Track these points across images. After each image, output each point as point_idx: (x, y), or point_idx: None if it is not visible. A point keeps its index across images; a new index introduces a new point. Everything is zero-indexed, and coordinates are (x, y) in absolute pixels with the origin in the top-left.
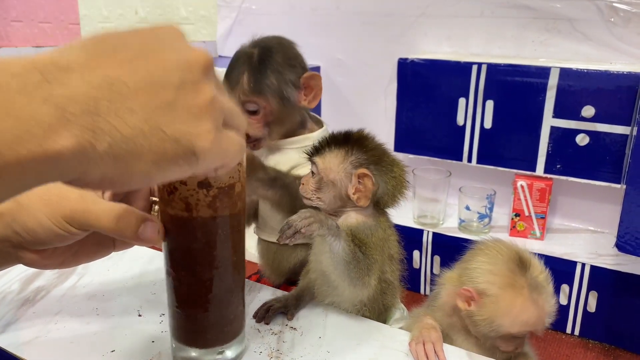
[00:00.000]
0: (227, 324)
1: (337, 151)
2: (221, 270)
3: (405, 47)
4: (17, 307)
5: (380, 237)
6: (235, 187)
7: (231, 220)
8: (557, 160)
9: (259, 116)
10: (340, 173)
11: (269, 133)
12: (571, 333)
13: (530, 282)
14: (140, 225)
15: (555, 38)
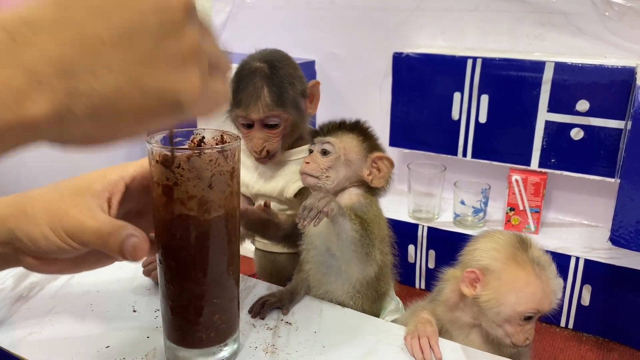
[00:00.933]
0: (220, 325)
1: (353, 135)
2: (215, 273)
3: (400, 41)
4: (10, 304)
5: (375, 214)
6: (230, 186)
7: (225, 220)
8: (551, 155)
9: (279, 130)
10: (359, 154)
11: (282, 145)
12: (565, 326)
13: (532, 257)
14: (124, 240)
15: (550, 32)
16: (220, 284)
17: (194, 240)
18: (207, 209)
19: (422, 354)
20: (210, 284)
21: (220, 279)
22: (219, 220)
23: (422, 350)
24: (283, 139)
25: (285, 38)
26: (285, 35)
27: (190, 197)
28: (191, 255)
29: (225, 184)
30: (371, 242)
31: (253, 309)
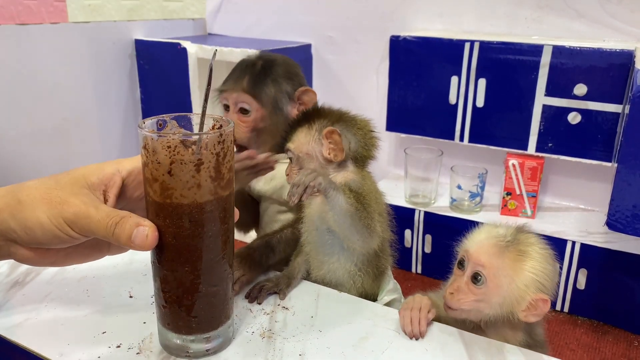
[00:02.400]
0: (213, 311)
1: (301, 128)
2: (205, 260)
3: (397, 25)
4: (6, 290)
5: (370, 188)
6: (222, 167)
7: (220, 205)
8: (548, 139)
9: (249, 118)
10: (311, 143)
11: (256, 141)
12: (560, 310)
13: (512, 238)
14: (133, 231)
15: (548, 15)
16: (210, 271)
17: (174, 226)
18: (169, 195)
19: (411, 327)
20: (200, 271)
21: (210, 265)
22: (196, 207)
23: (412, 322)
24: (258, 134)
25: (282, 21)
26: (282, 19)
27: (153, 179)
28: (176, 241)
29: (189, 174)
30: (369, 214)
31: (250, 294)
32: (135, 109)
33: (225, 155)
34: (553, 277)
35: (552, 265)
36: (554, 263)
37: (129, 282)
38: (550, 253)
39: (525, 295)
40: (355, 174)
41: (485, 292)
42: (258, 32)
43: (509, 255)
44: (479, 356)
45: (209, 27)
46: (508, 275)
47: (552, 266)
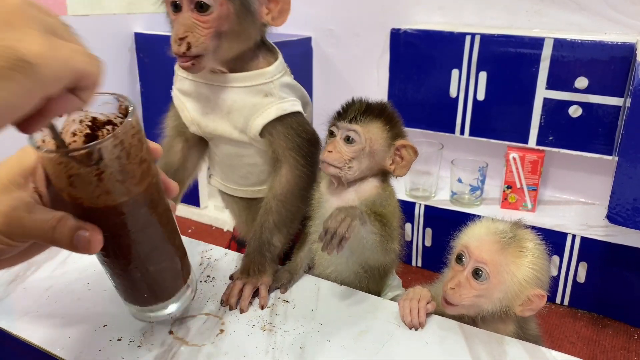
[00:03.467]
0: (166, 285)
1: (380, 122)
2: (146, 250)
3: (397, 17)
4: (7, 283)
5: (394, 205)
6: (128, 167)
7: (140, 200)
8: (549, 132)
9: (210, 17)
10: (383, 144)
11: (216, 50)
12: (560, 303)
13: (511, 234)
14: (74, 235)
15: (549, 8)
16: (150, 257)
17: (99, 226)
18: (80, 202)
19: (410, 317)
20: (140, 260)
21: (148, 253)
22: (112, 210)
23: (411, 313)
24: (219, 40)
25: None
26: None
27: (59, 189)
28: (105, 240)
29: (92, 185)
30: (391, 237)
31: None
32: (135, 102)
33: (129, 155)
34: (548, 273)
35: (547, 261)
36: (548, 259)
37: None
38: (545, 249)
39: (524, 290)
40: (383, 189)
41: (487, 288)
42: None
43: (511, 251)
44: (479, 349)
45: None
46: (510, 271)
47: (547, 262)
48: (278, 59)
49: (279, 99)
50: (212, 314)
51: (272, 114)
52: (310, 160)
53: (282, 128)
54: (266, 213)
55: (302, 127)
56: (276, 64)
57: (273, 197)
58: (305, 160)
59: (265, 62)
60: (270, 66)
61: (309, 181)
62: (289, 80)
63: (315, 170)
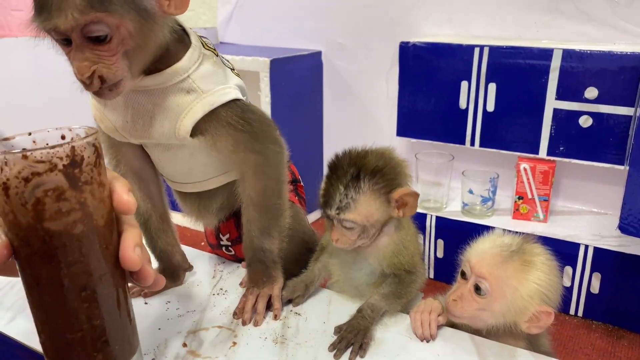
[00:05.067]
0: (92, 354)
1: (364, 194)
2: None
3: (406, 30)
4: (24, 298)
5: (414, 241)
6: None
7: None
8: (560, 143)
9: (112, 44)
10: (380, 209)
11: (129, 69)
12: (575, 314)
13: (516, 248)
14: None
15: (557, 19)
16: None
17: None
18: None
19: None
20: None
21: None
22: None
23: (423, 325)
24: (129, 59)
25: (292, 29)
26: (292, 26)
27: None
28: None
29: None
30: (409, 293)
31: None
32: None
33: (36, 184)
34: (557, 290)
35: (557, 277)
36: (558, 275)
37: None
38: (555, 265)
39: (529, 306)
40: (399, 232)
41: (488, 302)
42: (269, 40)
43: (513, 264)
44: None
45: (221, 36)
46: (511, 285)
47: (557, 278)
48: (190, 48)
49: (203, 92)
50: (225, 326)
51: (199, 112)
52: (267, 157)
53: (220, 127)
54: (248, 222)
55: (243, 119)
56: (188, 56)
57: (247, 205)
58: (262, 157)
59: (177, 55)
60: (181, 61)
61: (278, 179)
62: (210, 67)
63: (279, 164)
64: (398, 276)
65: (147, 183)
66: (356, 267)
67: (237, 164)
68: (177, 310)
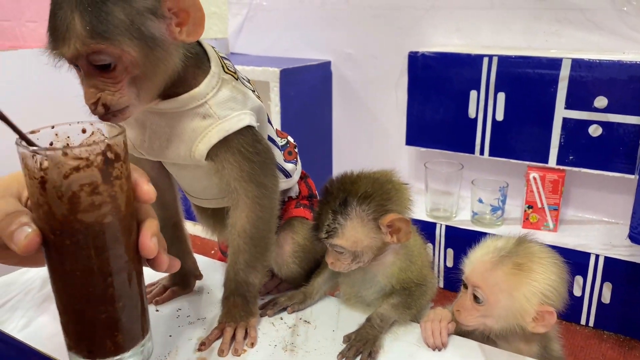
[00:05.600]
0: (123, 327)
1: (351, 220)
2: (94, 283)
3: (415, 40)
4: (38, 304)
5: (421, 255)
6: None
7: (108, 229)
8: (569, 152)
9: (116, 72)
10: (369, 235)
11: (137, 96)
12: (585, 324)
13: (509, 250)
14: (18, 228)
15: (566, 28)
16: (99, 296)
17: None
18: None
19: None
20: (84, 298)
21: (95, 292)
22: (98, 227)
23: (434, 334)
24: (137, 86)
25: (301, 39)
26: (301, 36)
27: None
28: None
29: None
30: (419, 305)
31: (266, 309)
32: None
33: (73, 180)
34: (558, 287)
35: (556, 274)
36: (558, 272)
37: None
38: (554, 262)
39: (527, 307)
40: (404, 246)
41: (487, 309)
42: (279, 51)
43: (503, 269)
44: None
45: (231, 46)
46: (504, 290)
47: (556, 276)
48: (209, 74)
49: (219, 118)
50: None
51: (214, 138)
52: (266, 189)
53: (229, 155)
54: (235, 253)
55: (253, 147)
56: (205, 82)
57: (238, 235)
58: (260, 190)
59: (194, 81)
60: (198, 87)
61: (270, 211)
62: (228, 93)
63: (274, 196)
64: (408, 288)
65: (163, 192)
66: (365, 285)
67: (235, 192)
68: (188, 318)
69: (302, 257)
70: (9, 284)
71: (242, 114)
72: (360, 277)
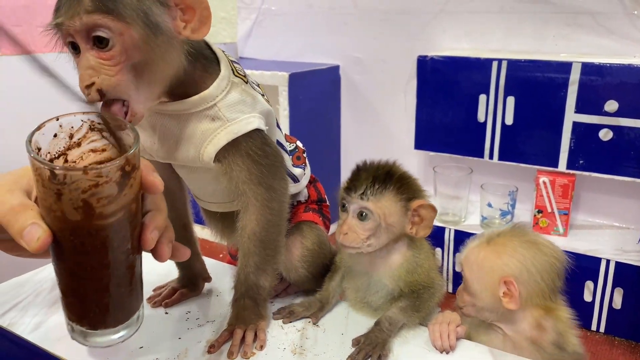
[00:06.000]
0: (111, 310)
1: (389, 193)
2: (90, 269)
3: (423, 44)
4: (49, 306)
5: (429, 258)
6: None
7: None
8: (579, 156)
9: (114, 52)
10: (397, 214)
11: (136, 86)
12: (596, 330)
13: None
14: (28, 226)
15: (576, 32)
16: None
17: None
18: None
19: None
20: (86, 278)
21: (96, 274)
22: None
23: (442, 336)
24: (135, 74)
25: (310, 44)
26: (310, 41)
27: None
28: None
29: (49, 201)
30: (428, 309)
31: (280, 314)
32: None
33: (90, 194)
34: (528, 266)
35: (530, 254)
36: (536, 253)
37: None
38: (532, 243)
39: (493, 278)
40: (412, 250)
41: (467, 286)
42: (287, 55)
43: (478, 243)
44: None
45: (240, 51)
46: (474, 262)
47: (529, 254)
48: (218, 77)
49: (228, 121)
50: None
51: (222, 140)
52: (275, 192)
53: (237, 157)
54: (245, 256)
55: (261, 150)
56: (215, 85)
57: (248, 238)
58: (270, 193)
59: (204, 83)
60: (208, 89)
61: (280, 214)
62: (237, 96)
63: (283, 199)
64: (416, 291)
65: (173, 194)
66: (371, 290)
67: (244, 195)
68: (197, 320)
69: (310, 262)
70: (19, 285)
71: (251, 117)
72: (365, 282)
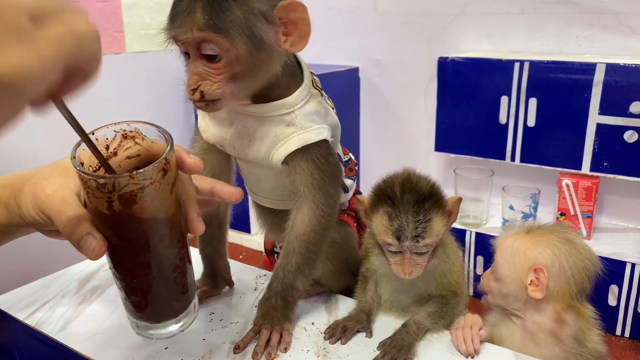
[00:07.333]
0: (165, 304)
1: (433, 214)
2: (151, 267)
3: (444, 46)
4: (75, 306)
5: (458, 257)
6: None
7: (160, 222)
8: (603, 158)
9: (220, 64)
10: (443, 223)
11: (233, 91)
12: (621, 335)
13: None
14: (84, 236)
15: (600, 33)
16: (171, 271)
17: (128, 239)
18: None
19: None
20: (160, 272)
21: (170, 267)
22: (154, 221)
23: (465, 341)
24: (235, 82)
25: (329, 46)
26: (329, 43)
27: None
28: (128, 253)
29: (101, 209)
30: (456, 312)
31: (332, 334)
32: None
33: (139, 196)
34: (561, 260)
35: (566, 250)
36: (571, 251)
37: None
38: (569, 240)
39: (525, 263)
40: (444, 247)
41: (495, 269)
42: (307, 57)
43: (518, 232)
44: None
45: None
46: (509, 246)
47: (565, 250)
48: (301, 86)
49: (302, 128)
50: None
51: (293, 145)
52: (331, 198)
53: (303, 162)
54: (288, 254)
55: (325, 160)
56: (297, 93)
57: (295, 237)
58: (326, 199)
59: (287, 91)
60: (290, 96)
61: (330, 220)
62: (314, 107)
63: (336, 207)
64: (445, 297)
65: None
66: (404, 291)
67: (303, 197)
68: (221, 322)
69: (334, 254)
70: (45, 286)
71: (322, 127)
72: (397, 283)
